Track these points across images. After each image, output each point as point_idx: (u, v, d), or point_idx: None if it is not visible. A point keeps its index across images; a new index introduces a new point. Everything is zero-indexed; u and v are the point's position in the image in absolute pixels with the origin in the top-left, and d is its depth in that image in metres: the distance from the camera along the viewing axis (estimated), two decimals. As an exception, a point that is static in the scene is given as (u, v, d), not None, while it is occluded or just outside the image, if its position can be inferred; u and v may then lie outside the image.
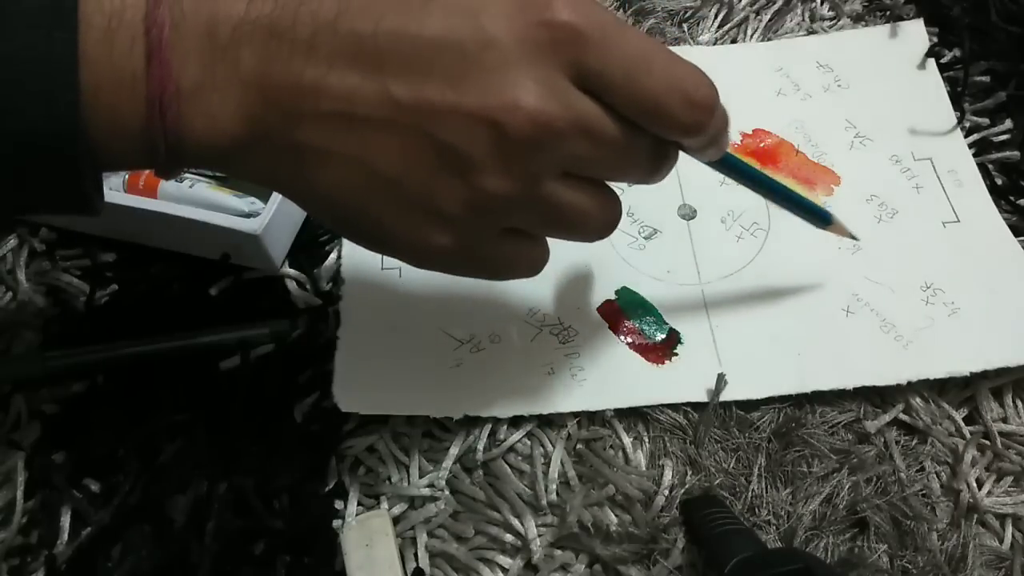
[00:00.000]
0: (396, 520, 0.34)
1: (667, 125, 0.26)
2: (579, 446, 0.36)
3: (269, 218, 0.39)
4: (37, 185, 0.24)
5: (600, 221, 0.28)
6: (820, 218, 0.37)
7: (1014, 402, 0.37)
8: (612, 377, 0.37)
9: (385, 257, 0.41)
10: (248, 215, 0.40)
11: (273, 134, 0.24)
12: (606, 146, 0.25)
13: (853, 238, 0.39)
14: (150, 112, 0.22)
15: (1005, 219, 0.42)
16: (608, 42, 0.24)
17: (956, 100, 0.46)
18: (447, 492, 0.35)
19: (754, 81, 0.48)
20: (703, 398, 0.36)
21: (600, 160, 0.26)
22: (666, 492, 0.34)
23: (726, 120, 0.28)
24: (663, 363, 0.37)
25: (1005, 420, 0.37)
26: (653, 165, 0.28)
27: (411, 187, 0.25)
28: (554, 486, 0.34)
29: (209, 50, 0.23)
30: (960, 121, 0.45)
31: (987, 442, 0.36)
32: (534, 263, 0.30)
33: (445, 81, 0.23)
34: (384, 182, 0.24)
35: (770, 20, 0.51)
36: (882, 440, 0.36)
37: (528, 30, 0.23)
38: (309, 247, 0.42)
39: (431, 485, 0.35)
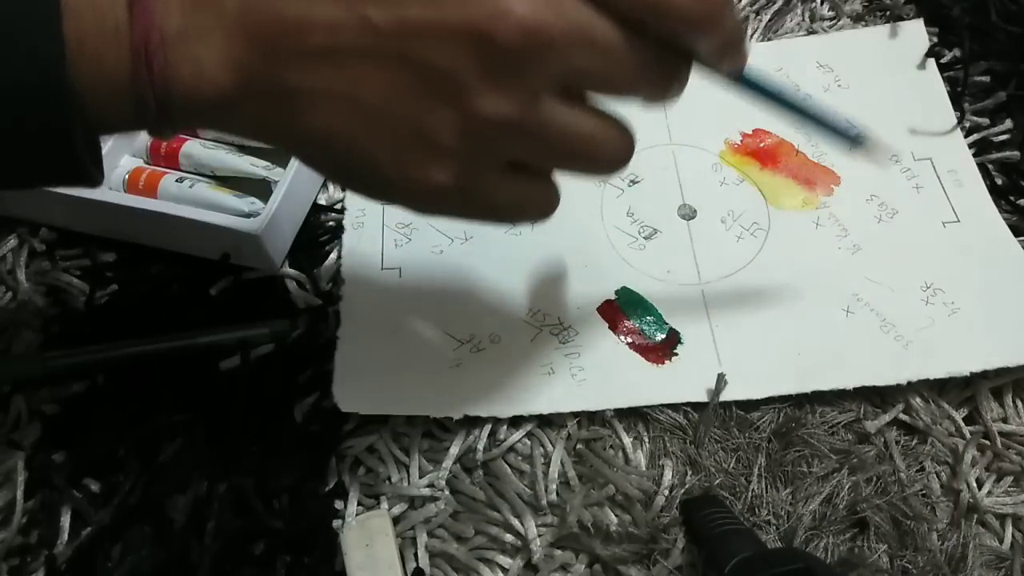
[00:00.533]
0: (396, 520, 0.34)
1: (675, 18, 0.23)
2: (579, 446, 0.36)
3: (269, 218, 0.39)
4: (28, 146, 0.23)
5: (611, 148, 0.26)
6: (853, 140, 0.34)
7: (1014, 402, 0.37)
8: (612, 377, 0.37)
9: (385, 257, 0.41)
10: (248, 215, 0.40)
11: (261, 79, 0.23)
12: (608, 55, 0.23)
13: (887, 158, 0.35)
14: (135, 63, 0.22)
15: (1005, 219, 0.42)
16: None
17: (956, 100, 0.46)
18: (447, 492, 0.35)
19: (754, 81, 0.48)
20: (703, 398, 0.36)
21: (603, 72, 0.24)
22: (666, 492, 0.34)
23: (740, 24, 0.26)
24: (663, 363, 0.38)
25: (1005, 420, 0.37)
26: (663, 76, 0.25)
27: (402, 119, 0.23)
28: (554, 486, 0.34)
29: None
30: (960, 121, 0.45)
31: (987, 442, 0.36)
32: (543, 204, 0.28)
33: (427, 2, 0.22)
34: (375, 117, 0.23)
35: (770, 20, 0.51)
36: (882, 440, 0.36)
37: None
38: (309, 247, 0.42)
39: (431, 485, 0.35)
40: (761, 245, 0.41)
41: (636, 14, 0.23)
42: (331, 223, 0.43)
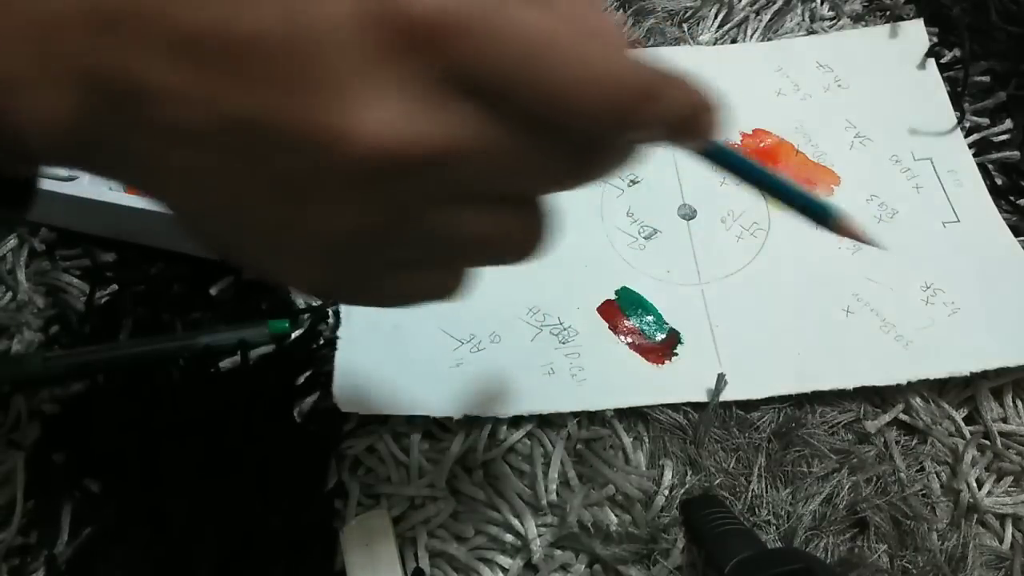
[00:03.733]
0: (396, 520, 0.34)
1: (594, 125, 0.19)
2: (579, 446, 0.36)
3: (269, 218, 0.39)
4: None
5: (516, 246, 0.22)
6: (820, 215, 0.32)
7: (1014, 402, 0.37)
8: (612, 377, 0.37)
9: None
10: (248, 215, 0.40)
11: (106, 138, 0.20)
12: (508, 163, 0.19)
13: (867, 242, 0.31)
14: None
15: (1005, 219, 0.42)
16: (488, 30, 0.17)
17: (956, 100, 0.46)
18: (447, 492, 0.35)
19: (754, 81, 0.48)
20: (703, 398, 0.36)
21: (505, 180, 0.20)
22: (666, 492, 0.34)
23: (693, 100, 0.20)
24: (663, 363, 0.38)
25: (1005, 420, 0.37)
26: (583, 172, 0.21)
27: (259, 221, 0.20)
28: (554, 486, 0.34)
29: (30, 37, 0.19)
30: (960, 121, 0.45)
31: (987, 442, 0.36)
32: (444, 294, 0.23)
33: (269, 91, 0.18)
34: (231, 213, 0.20)
35: (770, 20, 0.51)
36: (882, 440, 0.36)
37: (374, 19, 0.17)
38: (309, 247, 0.42)
39: (431, 485, 0.35)
40: (761, 245, 0.41)
41: (539, 113, 0.18)
42: (331, 223, 0.43)
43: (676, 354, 0.38)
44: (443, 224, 0.20)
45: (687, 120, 0.21)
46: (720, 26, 0.51)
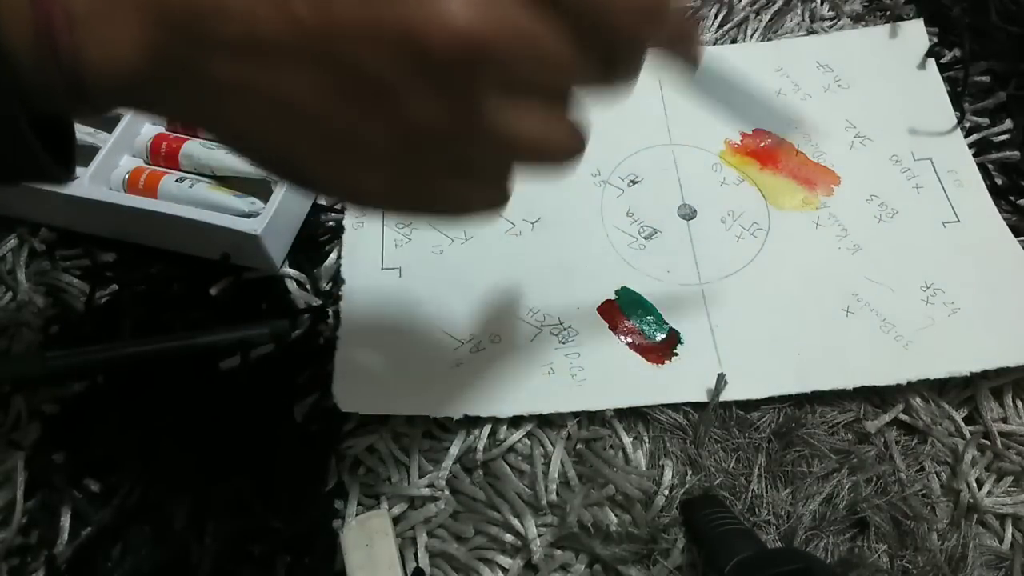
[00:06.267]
0: (396, 520, 0.34)
1: (623, 31, 0.23)
2: (579, 446, 0.36)
3: (269, 218, 0.39)
4: None
5: (560, 148, 0.24)
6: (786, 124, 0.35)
7: (1014, 402, 0.37)
8: (612, 377, 0.37)
9: (385, 257, 0.41)
10: (248, 215, 0.40)
11: (177, 65, 0.21)
12: (552, 62, 0.22)
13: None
14: (38, 43, 0.20)
15: (1005, 219, 0.42)
16: None
17: (956, 100, 0.46)
18: (447, 492, 0.35)
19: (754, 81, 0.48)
20: (703, 398, 0.36)
21: (548, 78, 0.22)
22: (666, 492, 0.34)
23: (687, 19, 0.25)
24: (663, 363, 0.38)
25: (1005, 420, 0.37)
26: (612, 76, 0.24)
27: (332, 124, 0.22)
28: (554, 486, 0.34)
29: None
30: (960, 121, 0.45)
31: (987, 442, 0.36)
32: (493, 204, 0.26)
33: None
34: (302, 120, 0.22)
35: (770, 20, 0.51)
36: (882, 440, 0.36)
37: None
38: (309, 247, 0.42)
39: (431, 485, 0.35)
40: (761, 245, 0.41)
41: (582, 21, 0.22)
42: (331, 223, 0.43)
43: (676, 354, 0.38)
44: (498, 120, 0.22)
45: (682, 27, 0.26)
46: (720, 26, 0.51)
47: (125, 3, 0.21)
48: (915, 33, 0.49)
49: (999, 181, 0.44)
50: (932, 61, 0.48)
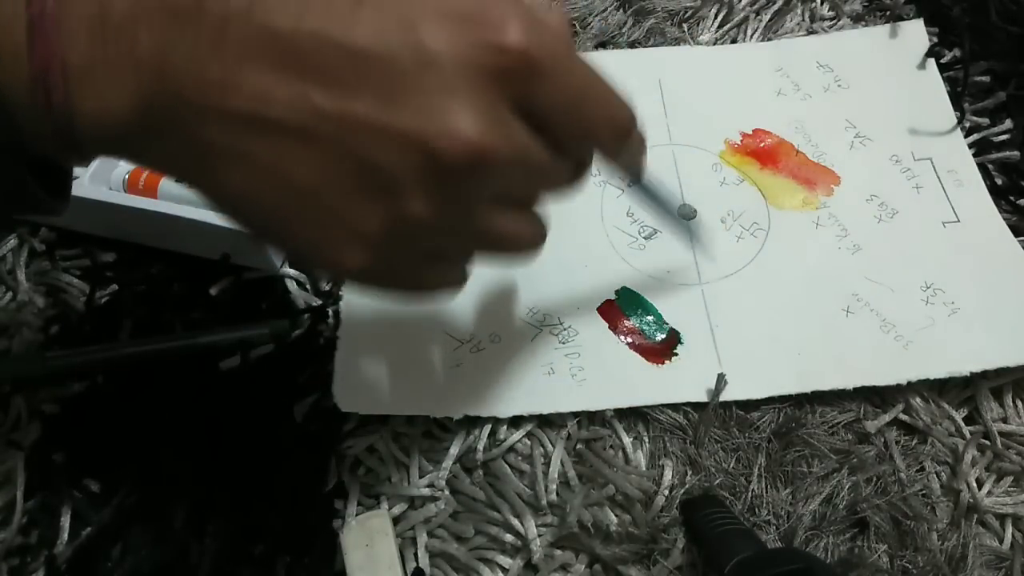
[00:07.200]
0: (396, 520, 0.34)
1: (598, 149, 0.26)
2: (579, 446, 0.36)
3: (269, 218, 0.39)
4: None
5: (529, 242, 0.27)
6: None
7: (1014, 402, 0.37)
8: (612, 377, 0.37)
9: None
10: (248, 215, 0.40)
11: (174, 126, 0.22)
12: (538, 173, 0.25)
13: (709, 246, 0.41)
14: (34, 90, 0.21)
15: (1005, 219, 0.42)
16: (558, 73, 0.23)
17: (956, 100, 0.46)
18: (447, 492, 0.35)
19: (754, 81, 0.48)
20: (703, 398, 0.36)
21: (531, 186, 0.26)
22: (666, 492, 0.34)
23: (643, 142, 0.29)
24: (663, 363, 0.37)
25: (1005, 420, 0.37)
26: (576, 181, 0.27)
27: (328, 202, 0.23)
28: (554, 486, 0.34)
29: (100, 26, 0.21)
30: (960, 121, 0.45)
31: (987, 442, 0.36)
32: (455, 286, 0.28)
33: (376, 97, 0.21)
34: (298, 193, 0.22)
35: (770, 20, 0.51)
36: (882, 440, 0.36)
37: (474, 52, 0.22)
38: (309, 247, 0.42)
39: (431, 485, 0.35)
40: (761, 245, 0.41)
41: (567, 143, 0.25)
42: (331, 223, 0.43)
43: (676, 354, 0.38)
44: (483, 221, 0.25)
45: (640, 144, 0.29)
46: (720, 26, 0.51)
47: (124, 61, 0.21)
48: (915, 33, 0.49)
49: (999, 181, 0.44)
50: (932, 61, 0.48)
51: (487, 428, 0.36)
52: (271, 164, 0.22)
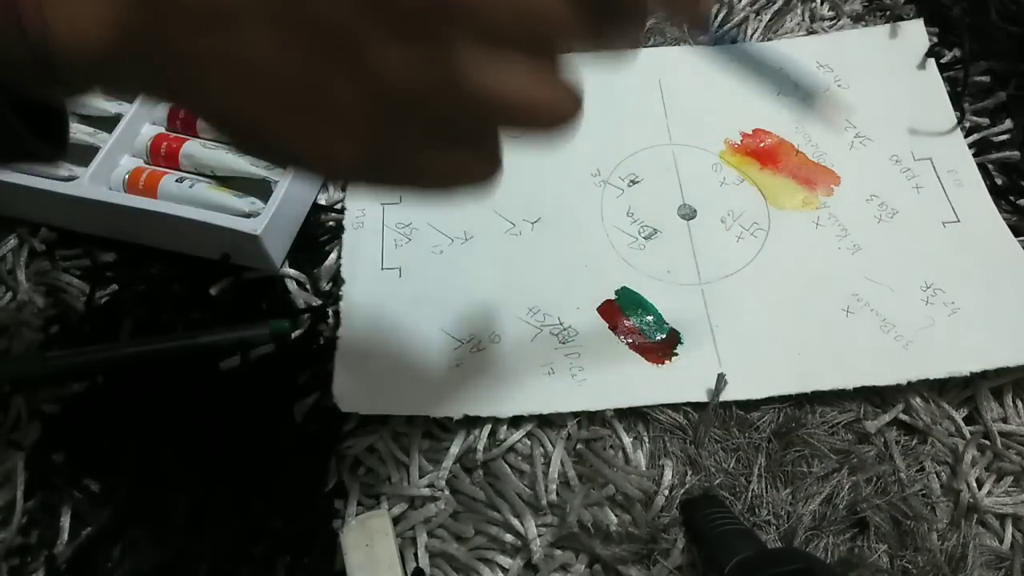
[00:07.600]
0: (396, 520, 0.34)
1: None
2: (579, 446, 0.36)
3: (269, 218, 0.39)
4: None
5: (550, 110, 0.22)
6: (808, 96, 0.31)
7: (1014, 402, 0.37)
8: (612, 377, 0.37)
9: (385, 257, 0.41)
10: (248, 215, 0.40)
11: (145, 40, 0.21)
12: (538, 8, 0.20)
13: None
14: (6, 18, 0.21)
15: (1005, 219, 0.42)
16: None
17: (956, 100, 0.46)
18: (447, 492, 0.35)
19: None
20: (703, 398, 0.36)
21: (533, 27, 0.21)
22: (666, 492, 0.34)
23: None
24: (663, 363, 0.38)
25: (1005, 420, 0.37)
26: (609, 29, 0.22)
27: (297, 85, 0.21)
28: (554, 486, 0.34)
29: None
30: (960, 121, 0.45)
31: (987, 442, 0.36)
32: (481, 172, 0.24)
33: None
34: (268, 85, 0.21)
35: (770, 20, 0.51)
36: (882, 440, 0.36)
37: None
38: (309, 247, 0.42)
39: (431, 485, 0.35)
40: (761, 245, 0.41)
41: None
42: (331, 223, 0.43)
43: (676, 354, 0.38)
44: (476, 75, 0.20)
45: None
46: (720, 26, 0.51)
47: None
48: (915, 33, 0.49)
49: (999, 181, 0.44)
50: (932, 61, 0.48)
51: (487, 428, 0.36)
52: (234, 59, 0.21)
